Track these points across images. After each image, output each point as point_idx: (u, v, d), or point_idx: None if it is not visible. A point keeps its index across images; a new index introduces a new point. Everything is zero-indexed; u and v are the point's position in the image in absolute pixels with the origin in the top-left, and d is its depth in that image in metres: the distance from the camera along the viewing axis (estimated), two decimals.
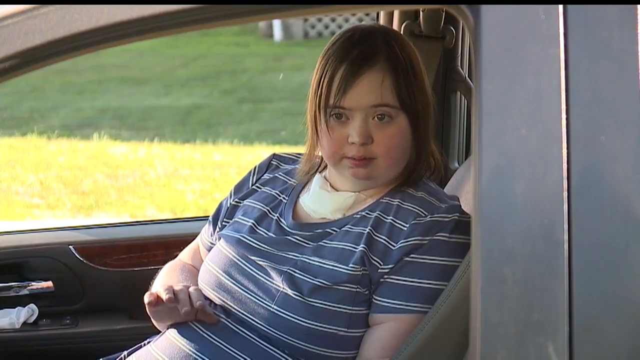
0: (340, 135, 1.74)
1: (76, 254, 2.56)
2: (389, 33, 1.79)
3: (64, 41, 1.27)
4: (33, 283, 2.55)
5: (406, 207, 1.74)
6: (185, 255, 2.09)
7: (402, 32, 2.52)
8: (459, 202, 1.79)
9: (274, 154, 2.02)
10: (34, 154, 7.40)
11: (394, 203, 1.76)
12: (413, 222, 1.70)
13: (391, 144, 1.73)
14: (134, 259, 2.60)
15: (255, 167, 2.00)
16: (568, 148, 1.19)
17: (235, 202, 1.96)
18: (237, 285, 1.78)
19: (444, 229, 1.69)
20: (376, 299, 1.70)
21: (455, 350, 1.57)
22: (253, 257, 1.79)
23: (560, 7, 1.20)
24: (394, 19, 2.58)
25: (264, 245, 1.80)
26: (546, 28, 1.20)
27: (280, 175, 1.95)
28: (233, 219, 1.94)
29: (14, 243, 2.59)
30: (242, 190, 1.98)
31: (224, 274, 1.81)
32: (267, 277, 1.75)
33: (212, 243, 1.99)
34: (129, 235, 2.67)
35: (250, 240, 1.82)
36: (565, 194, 1.19)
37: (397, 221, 1.72)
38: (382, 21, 2.64)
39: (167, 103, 9.20)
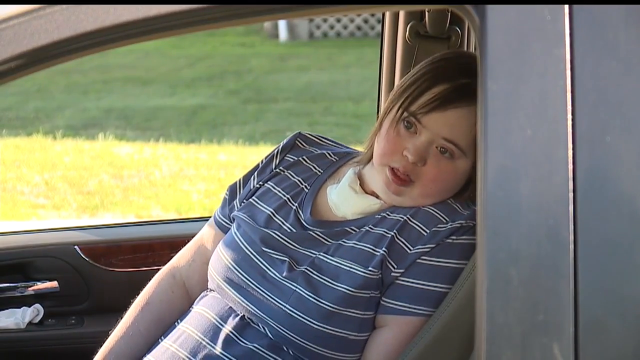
0: (400, 144, 1.71)
1: (81, 254, 2.56)
2: None
3: (70, 41, 1.27)
4: (38, 283, 2.55)
5: (427, 208, 1.71)
6: (181, 258, 1.99)
7: (407, 33, 2.52)
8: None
9: (299, 133, 1.96)
10: (40, 154, 7.40)
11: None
12: (434, 229, 1.68)
13: (438, 178, 1.70)
14: (139, 259, 2.60)
15: (278, 148, 1.93)
16: (573, 149, 1.19)
17: (259, 184, 1.90)
18: (248, 280, 1.74)
19: (457, 233, 1.67)
20: (383, 300, 1.69)
21: (461, 351, 1.57)
22: (267, 250, 1.75)
23: (566, 7, 1.20)
24: (400, 19, 2.58)
25: (282, 238, 1.76)
26: (552, 28, 1.20)
27: (304, 159, 1.90)
28: (249, 200, 1.88)
29: (20, 243, 2.59)
30: (266, 172, 1.91)
31: (235, 267, 1.77)
32: (280, 276, 1.71)
33: (226, 223, 1.93)
34: (134, 236, 2.67)
35: (268, 231, 1.78)
36: (570, 194, 1.18)
37: (419, 224, 1.70)
38: (387, 22, 2.63)
39: (173, 103, 9.20)
